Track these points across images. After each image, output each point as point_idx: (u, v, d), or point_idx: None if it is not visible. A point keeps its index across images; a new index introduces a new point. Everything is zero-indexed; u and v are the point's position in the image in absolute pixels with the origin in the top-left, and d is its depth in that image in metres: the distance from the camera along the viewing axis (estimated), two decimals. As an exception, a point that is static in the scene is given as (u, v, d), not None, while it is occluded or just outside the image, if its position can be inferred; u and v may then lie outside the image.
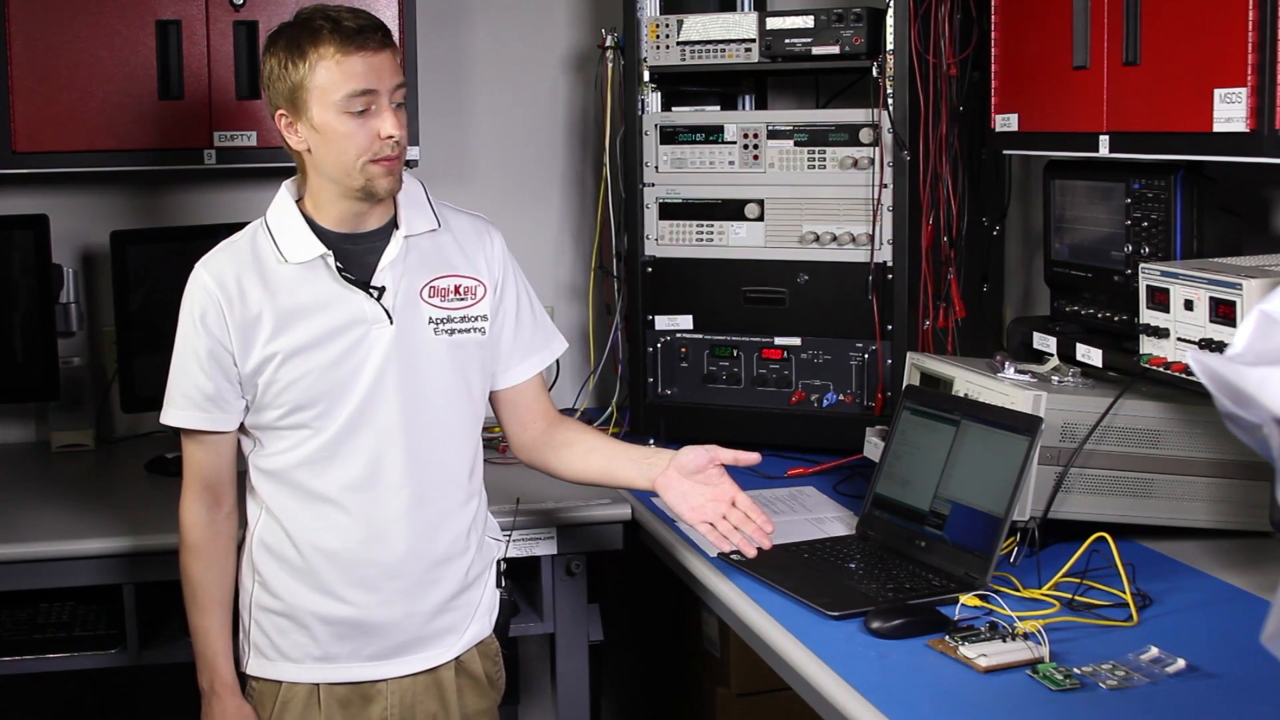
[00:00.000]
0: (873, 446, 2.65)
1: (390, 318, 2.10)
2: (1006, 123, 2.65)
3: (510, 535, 2.38)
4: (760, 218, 3.00)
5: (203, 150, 3.00)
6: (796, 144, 2.95)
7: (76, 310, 3.25)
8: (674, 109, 3.14)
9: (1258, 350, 1.18)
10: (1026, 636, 1.85)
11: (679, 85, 3.17)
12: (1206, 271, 2.07)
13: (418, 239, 2.16)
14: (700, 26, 3.02)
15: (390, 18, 3.08)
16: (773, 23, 2.94)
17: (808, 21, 2.91)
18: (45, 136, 2.93)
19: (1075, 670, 1.79)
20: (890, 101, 2.83)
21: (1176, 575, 2.19)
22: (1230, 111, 2.02)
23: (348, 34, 2.01)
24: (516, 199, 3.49)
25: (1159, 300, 2.16)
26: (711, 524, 2.17)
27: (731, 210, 3.03)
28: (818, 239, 2.94)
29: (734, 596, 2.17)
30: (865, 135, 2.88)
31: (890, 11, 2.82)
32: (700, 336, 3.07)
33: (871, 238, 2.88)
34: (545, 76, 3.54)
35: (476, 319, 2.18)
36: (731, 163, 3.02)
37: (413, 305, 2.13)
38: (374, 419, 2.10)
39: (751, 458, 2.19)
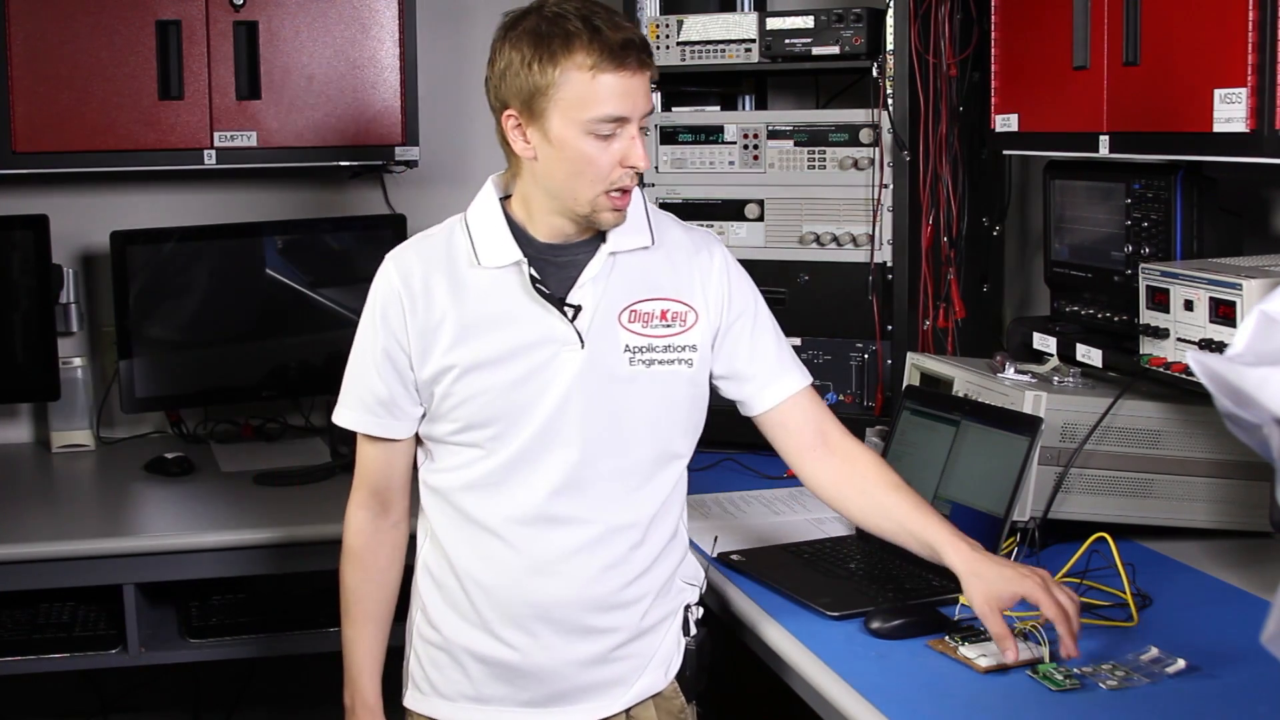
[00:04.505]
0: (873, 447, 2.65)
1: (582, 341, 1.90)
2: (1006, 123, 2.65)
3: (705, 579, 2.12)
4: (760, 218, 3.00)
5: (203, 150, 3.01)
6: (796, 144, 2.95)
7: (76, 310, 3.25)
8: (674, 109, 3.14)
9: (1258, 350, 1.18)
10: (1026, 636, 1.85)
11: (679, 85, 3.17)
12: (1206, 271, 2.07)
13: (625, 256, 1.95)
14: (700, 27, 3.02)
15: (390, 18, 3.09)
16: (773, 23, 2.94)
17: (808, 22, 2.91)
18: (45, 136, 2.93)
19: (1075, 670, 1.79)
20: (890, 102, 2.83)
21: (1176, 575, 2.19)
22: (1230, 112, 2.02)
23: (609, 47, 1.79)
24: (516, 199, 3.48)
25: (1159, 300, 2.16)
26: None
27: (731, 210, 3.03)
28: (818, 239, 2.94)
29: (734, 596, 2.17)
30: (865, 135, 2.88)
31: (890, 11, 2.82)
32: (700, 336, 3.07)
33: (871, 238, 2.87)
34: (545, 76, 3.53)
35: (683, 349, 1.96)
36: (731, 163, 3.02)
37: (609, 329, 1.92)
38: (550, 449, 1.90)
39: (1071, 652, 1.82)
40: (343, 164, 3.16)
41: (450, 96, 3.44)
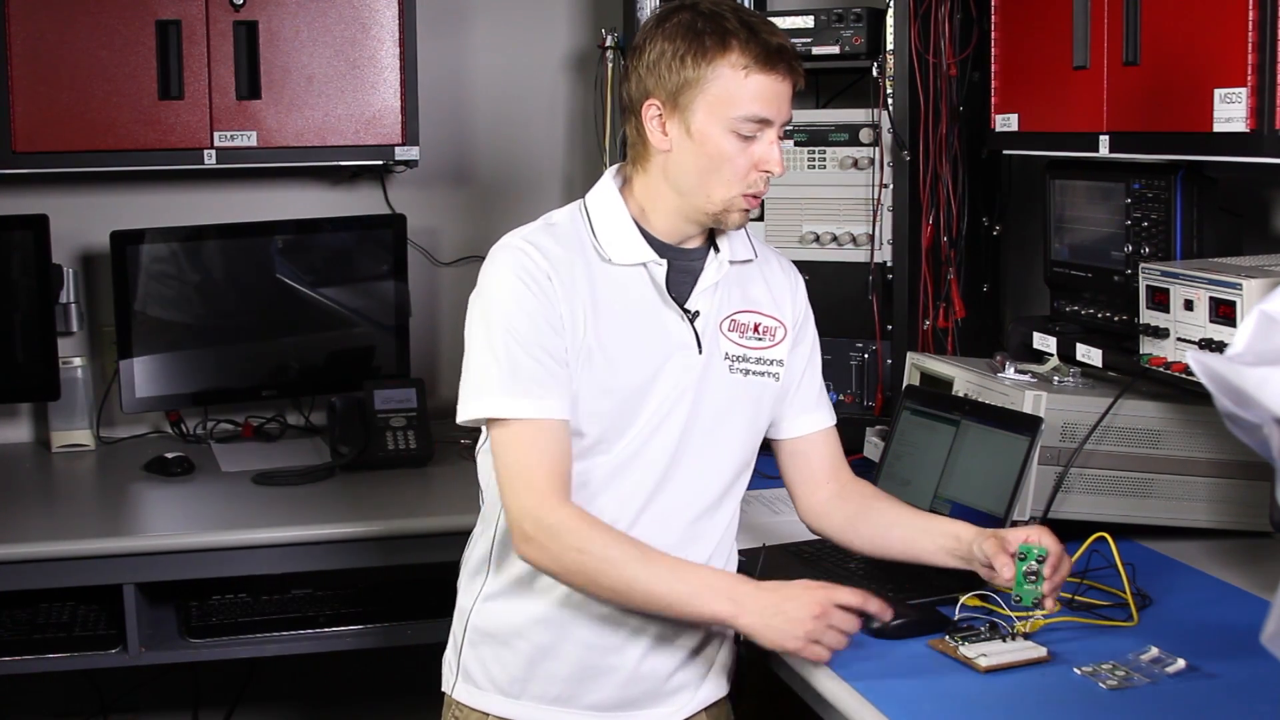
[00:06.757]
0: (873, 446, 2.65)
1: (700, 346, 1.90)
2: (1006, 123, 2.65)
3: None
4: (760, 218, 2.99)
5: (203, 150, 3.01)
6: (797, 144, 2.95)
7: (76, 310, 3.25)
8: (674, 109, 3.14)
9: (1258, 350, 1.18)
10: (1027, 636, 1.85)
11: (679, 85, 3.16)
12: (1206, 271, 2.07)
13: (732, 267, 1.96)
14: (700, 26, 3.02)
15: (390, 17, 3.09)
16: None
17: (808, 21, 2.91)
18: (45, 136, 2.93)
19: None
20: (890, 101, 2.83)
21: (1176, 575, 2.19)
22: (1230, 111, 2.02)
23: (766, 49, 1.81)
24: (516, 199, 3.49)
25: (1159, 300, 2.16)
26: None
27: (731, 210, 3.02)
28: (818, 239, 2.94)
29: (734, 596, 2.17)
30: (865, 135, 2.88)
31: (890, 11, 2.82)
32: (700, 336, 3.07)
33: (871, 238, 2.87)
34: (545, 76, 3.53)
35: (772, 363, 1.98)
36: (731, 163, 3.02)
37: (717, 337, 1.93)
38: (649, 453, 1.88)
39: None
40: (343, 164, 3.16)
41: (450, 96, 3.44)
